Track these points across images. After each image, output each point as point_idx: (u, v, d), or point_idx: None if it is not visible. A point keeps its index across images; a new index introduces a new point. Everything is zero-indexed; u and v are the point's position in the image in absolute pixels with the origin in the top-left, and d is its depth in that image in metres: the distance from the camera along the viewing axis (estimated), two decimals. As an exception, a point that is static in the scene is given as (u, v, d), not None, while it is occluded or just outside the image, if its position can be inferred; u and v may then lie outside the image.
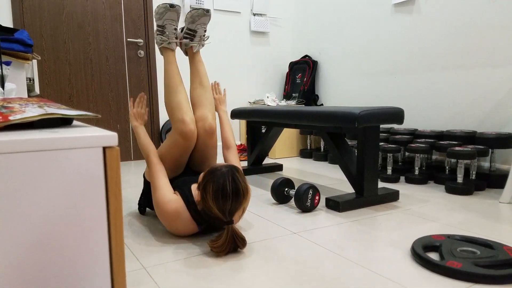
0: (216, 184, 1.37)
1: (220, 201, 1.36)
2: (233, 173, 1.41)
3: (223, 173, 1.39)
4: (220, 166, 1.43)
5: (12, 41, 1.55)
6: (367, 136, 1.96)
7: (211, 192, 1.37)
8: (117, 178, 0.67)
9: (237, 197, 1.38)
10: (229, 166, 1.44)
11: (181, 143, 1.62)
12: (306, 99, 4.01)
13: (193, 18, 1.80)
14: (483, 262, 1.23)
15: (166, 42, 1.78)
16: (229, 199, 1.36)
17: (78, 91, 3.33)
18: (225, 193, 1.36)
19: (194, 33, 1.83)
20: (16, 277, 0.61)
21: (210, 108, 1.73)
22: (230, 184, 1.37)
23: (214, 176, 1.39)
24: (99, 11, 3.35)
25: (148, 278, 1.23)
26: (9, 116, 0.67)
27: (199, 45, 1.84)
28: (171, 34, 1.78)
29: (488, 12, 2.50)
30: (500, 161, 2.50)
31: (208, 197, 1.38)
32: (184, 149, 1.65)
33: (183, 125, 1.60)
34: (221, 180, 1.37)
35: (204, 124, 1.67)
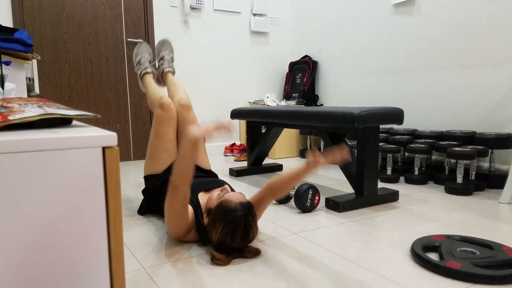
0: (227, 227, 1.30)
1: (227, 242, 1.32)
2: (247, 218, 1.32)
3: (237, 218, 1.30)
4: (235, 207, 1.32)
5: (12, 41, 1.55)
6: (367, 136, 1.96)
7: (219, 231, 1.31)
8: (117, 178, 0.67)
9: (245, 241, 1.34)
10: (243, 209, 1.32)
11: (162, 114, 1.81)
12: (306, 99, 4.01)
13: (158, 50, 2.21)
14: (483, 263, 1.23)
15: (144, 67, 2.14)
16: (236, 242, 1.32)
17: (78, 91, 3.33)
18: (234, 238, 1.31)
19: (162, 60, 2.19)
20: (16, 277, 0.61)
21: (184, 93, 1.97)
22: (241, 231, 1.30)
23: (226, 217, 1.30)
24: (99, 11, 3.35)
25: (148, 278, 1.23)
26: (8, 116, 0.67)
27: (169, 67, 2.17)
28: (147, 62, 2.17)
29: (488, 12, 2.50)
30: (499, 162, 2.50)
31: (215, 233, 1.33)
32: (166, 120, 1.81)
33: (161, 99, 1.83)
34: (233, 226, 1.30)
35: (179, 101, 1.90)
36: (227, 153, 3.88)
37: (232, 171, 2.85)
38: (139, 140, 3.62)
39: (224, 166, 3.26)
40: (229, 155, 3.86)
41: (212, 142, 1.69)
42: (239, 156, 3.66)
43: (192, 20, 3.79)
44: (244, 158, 3.63)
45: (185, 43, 3.77)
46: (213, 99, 3.99)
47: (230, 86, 4.08)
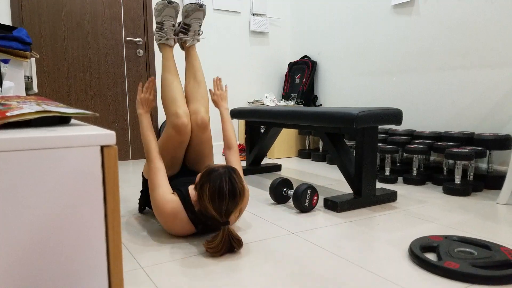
0: (212, 184, 1.37)
1: (217, 202, 1.36)
2: (230, 174, 1.40)
3: (220, 173, 1.39)
4: (217, 167, 1.43)
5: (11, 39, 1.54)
6: (365, 136, 1.96)
7: (207, 192, 1.37)
8: (115, 177, 0.66)
9: (234, 197, 1.38)
10: (226, 167, 1.43)
11: (175, 137, 1.63)
12: (305, 100, 4.01)
13: (188, 13, 1.83)
14: (480, 263, 1.24)
15: (164, 38, 1.80)
16: (226, 200, 1.36)
17: (76, 90, 3.32)
18: (221, 193, 1.36)
19: (188, 27, 1.84)
20: (13, 276, 0.61)
21: (203, 102, 1.73)
22: (227, 184, 1.37)
23: (211, 176, 1.39)
24: (98, 10, 3.34)
25: (146, 277, 1.23)
26: (6, 113, 0.67)
27: (193, 40, 1.86)
28: (169, 30, 1.80)
29: (486, 14, 2.51)
30: (497, 163, 2.50)
31: (205, 197, 1.38)
32: (178, 143, 1.65)
33: (176, 119, 1.61)
34: (218, 181, 1.37)
35: (196, 117, 1.67)
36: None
37: (231, 170, 2.84)
38: (138, 139, 3.61)
39: (223, 165, 3.26)
40: (227, 154, 3.86)
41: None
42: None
43: (192, 19, 3.78)
44: (242, 158, 3.63)
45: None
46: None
47: (229, 85, 4.08)
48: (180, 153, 1.70)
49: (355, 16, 3.54)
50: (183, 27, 1.86)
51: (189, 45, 1.86)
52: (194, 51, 1.87)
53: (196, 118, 1.67)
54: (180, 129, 1.61)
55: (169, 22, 1.80)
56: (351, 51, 3.62)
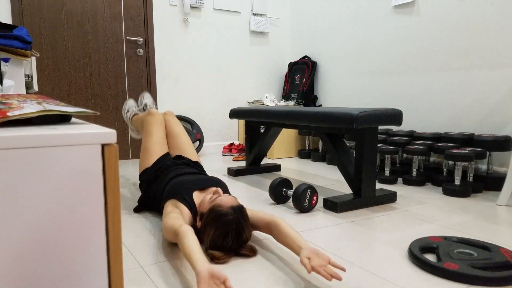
0: (218, 231, 1.31)
1: (218, 246, 1.33)
2: (238, 223, 1.33)
3: (228, 221, 1.31)
4: (226, 211, 1.33)
5: (11, 38, 1.54)
6: (365, 137, 1.96)
7: (211, 235, 1.33)
8: (115, 176, 0.66)
9: (238, 243, 1.35)
10: (236, 213, 1.33)
11: (151, 118, 2.10)
12: (305, 100, 4.01)
13: (140, 101, 2.55)
14: (480, 264, 1.24)
15: (132, 112, 2.50)
16: (229, 245, 1.33)
17: (76, 89, 3.32)
18: (226, 241, 1.32)
19: (145, 105, 2.51)
20: (13, 275, 0.61)
21: None
22: (233, 234, 1.32)
23: (218, 222, 1.32)
24: (99, 9, 3.34)
25: (146, 277, 1.23)
26: (7, 112, 0.67)
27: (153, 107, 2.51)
28: (134, 108, 2.52)
29: (486, 14, 2.51)
30: (497, 164, 2.51)
31: (207, 237, 1.35)
32: (156, 120, 2.09)
33: (149, 111, 2.18)
34: (224, 230, 1.31)
35: (165, 112, 2.25)
36: (225, 153, 3.88)
37: (231, 170, 2.85)
38: (138, 139, 3.61)
39: (223, 165, 3.26)
40: (227, 154, 3.86)
41: None
42: (237, 156, 3.65)
43: (192, 19, 3.78)
44: (242, 158, 3.63)
45: (184, 42, 3.76)
46: (212, 99, 3.99)
47: (229, 85, 4.08)
48: (161, 131, 2.08)
49: (355, 16, 3.54)
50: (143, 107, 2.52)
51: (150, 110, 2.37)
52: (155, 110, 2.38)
53: (165, 112, 2.24)
54: (152, 112, 2.14)
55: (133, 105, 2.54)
56: (351, 52, 3.62)
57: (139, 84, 3.58)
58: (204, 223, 1.36)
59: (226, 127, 4.11)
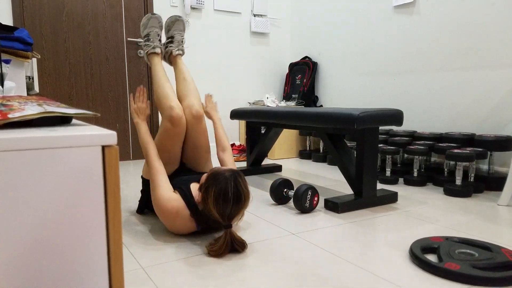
0: (218, 188, 1.38)
1: (221, 205, 1.37)
2: (236, 178, 1.41)
3: (226, 177, 1.40)
4: (223, 170, 1.44)
5: (12, 39, 1.54)
6: (366, 137, 1.96)
7: (212, 195, 1.38)
8: (116, 177, 0.67)
9: (238, 202, 1.39)
10: (232, 171, 1.44)
11: (171, 129, 1.66)
12: (305, 100, 4.01)
13: (169, 26, 1.98)
14: (481, 264, 1.23)
15: (151, 47, 1.90)
16: (230, 204, 1.37)
17: (77, 90, 3.33)
18: (226, 197, 1.36)
19: (172, 39, 1.97)
20: (13, 276, 0.61)
21: (195, 96, 1.78)
22: (232, 189, 1.38)
23: (217, 179, 1.40)
24: (100, 10, 3.35)
25: (146, 278, 1.23)
26: (8, 114, 0.67)
27: (178, 49, 1.96)
28: (155, 39, 1.92)
29: (487, 14, 2.51)
30: (498, 164, 2.50)
31: (209, 200, 1.39)
32: (174, 135, 1.68)
33: (171, 111, 1.65)
34: (224, 185, 1.38)
35: (191, 110, 1.72)
36: (226, 154, 3.87)
37: (231, 171, 2.85)
38: (139, 140, 3.61)
39: (223, 166, 3.26)
40: (228, 155, 3.86)
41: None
42: (238, 157, 3.65)
43: (193, 20, 3.79)
44: (243, 159, 3.63)
45: (185, 43, 3.76)
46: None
47: (230, 86, 4.08)
48: (177, 146, 1.72)
49: (356, 16, 3.54)
50: (167, 41, 2.00)
51: (175, 54, 1.94)
52: (181, 60, 1.96)
53: (191, 110, 1.71)
54: (175, 120, 1.65)
55: (155, 32, 1.92)
56: (352, 52, 3.62)
57: (139, 85, 3.58)
58: (205, 187, 1.42)
59: (227, 128, 4.11)
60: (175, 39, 1.95)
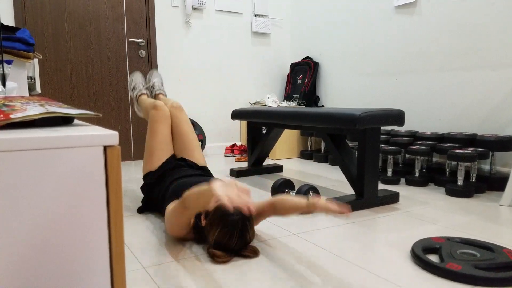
0: (223, 231, 1.32)
1: (223, 244, 1.34)
2: (244, 223, 1.34)
3: (233, 222, 1.32)
4: (232, 211, 1.33)
5: (14, 40, 1.55)
6: (367, 137, 1.96)
7: (216, 234, 1.34)
8: (118, 177, 0.67)
9: (241, 243, 1.36)
10: (241, 213, 1.34)
11: (156, 113, 1.94)
12: (307, 100, 4.01)
13: (149, 78, 2.38)
14: (483, 265, 1.23)
15: (139, 91, 2.27)
16: (233, 245, 1.34)
17: (79, 91, 3.33)
18: (230, 240, 1.33)
19: (153, 85, 2.35)
20: (15, 276, 0.61)
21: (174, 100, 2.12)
22: (237, 234, 1.33)
23: (223, 221, 1.33)
24: (101, 11, 3.35)
25: (148, 278, 1.23)
26: (10, 115, 0.67)
27: (159, 90, 2.32)
28: (141, 86, 2.31)
29: (488, 15, 2.50)
30: (500, 164, 2.50)
31: (212, 235, 1.36)
32: (160, 118, 1.93)
33: (154, 103, 1.98)
34: (229, 230, 1.32)
35: (172, 104, 2.03)
36: (227, 154, 3.88)
37: (233, 171, 2.85)
38: (140, 140, 3.62)
39: (225, 166, 3.26)
40: (229, 155, 3.86)
41: None
42: (239, 157, 3.66)
43: (194, 20, 3.79)
44: (244, 159, 3.63)
45: (186, 43, 3.77)
46: (214, 100, 3.99)
47: (231, 86, 4.08)
48: (166, 128, 1.95)
49: (357, 17, 3.54)
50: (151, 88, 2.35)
51: (157, 93, 2.30)
52: (163, 96, 2.30)
53: (172, 104, 2.03)
54: (158, 106, 1.95)
55: (139, 82, 2.32)
56: (353, 52, 3.62)
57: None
58: (210, 221, 1.37)
59: (228, 128, 4.11)
60: (156, 85, 2.36)
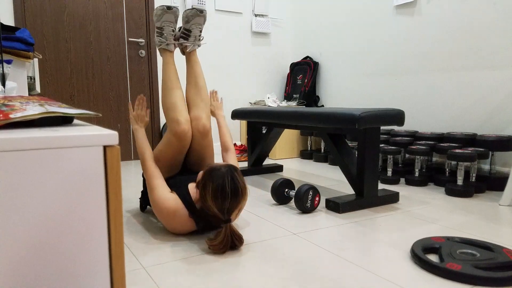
0: (215, 183, 1.39)
1: (219, 200, 1.38)
2: (232, 173, 1.43)
3: (223, 172, 1.42)
4: (219, 166, 1.46)
5: (14, 40, 1.55)
6: (367, 137, 1.96)
7: (210, 191, 1.39)
8: (118, 177, 0.67)
9: (236, 196, 1.40)
10: (228, 166, 1.46)
11: (175, 143, 1.63)
12: (307, 100, 4.01)
13: (188, 18, 1.81)
14: (483, 264, 1.23)
15: (164, 43, 1.80)
16: (228, 198, 1.39)
17: (79, 91, 3.33)
18: (224, 192, 1.38)
19: (189, 32, 1.83)
20: (15, 276, 0.61)
21: (204, 107, 1.72)
22: (229, 183, 1.40)
23: (213, 175, 1.42)
24: (101, 11, 3.35)
25: (147, 277, 1.23)
26: (10, 114, 0.67)
27: (193, 45, 1.84)
28: (169, 36, 1.80)
29: (489, 15, 2.50)
30: (500, 164, 2.50)
31: (207, 196, 1.40)
32: (178, 149, 1.65)
33: (177, 126, 1.61)
34: (221, 180, 1.39)
35: (197, 124, 1.67)
36: (227, 154, 3.88)
37: (233, 171, 2.85)
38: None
39: (225, 166, 3.26)
40: (229, 155, 3.86)
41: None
42: (239, 157, 3.66)
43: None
44: (244, 159, 3.63)
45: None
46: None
47: (231, 86, 4.08)
48: (179, 158, 1.71)
49: (357, 16, 3.54)
50: (183, 32, 1.85)
51: (190, 50, 1.84)
52: (195, 56, 1.85)
53: (198, 125, 1.67)
54: (180, 136, 1.61)
55: (169, 28, 1.79)
56: (353, 52, 3.62)
57: (141, 85, 3.58)
58: (202, 183, 1.43)
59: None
60: (193, 34, 1.82)
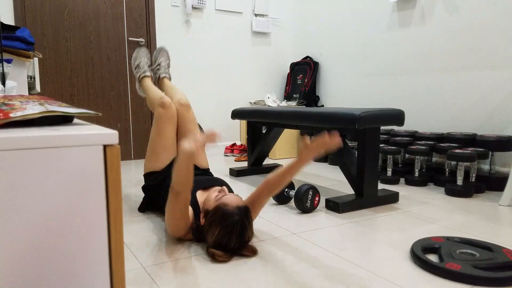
0: (223, 230, 1.32)
1: (222, 245, 1.34)
2: (243, 223, 1.33)
3: (233, 222, 1.32)
4: (232, 211, 1.33)
5: (14, 39, 1.55)
6: (367, 137, 1.96)
7: (216, 234, 1.33)
8: (118, 177, 0.67)
9: (240, 244, 1.36)
10: (241, 214, 1.34)
11: (163, 112, 1.85)
12: (307, 100, 4.01)
13: (155, 56, 2.26)
14: (482, 264, 1.23)
15: (143, 71, 2.17)
16: (231, 245, 1.34)
17: (79, 90, 3.33)
18: (229, 241, 1.33)
19: (159, 66, 2.23)
20: (15, 276, 0.61)
21: (182, 94, 2.02)
22: (237, 234, 1.33)
23: (223, 222, 1.32)
24: (101, 10, 3.35)
25: (147, 277, 1.23)
26: (9, 113, 0.67)
27: (165, 73, 2.21)
28: (145, 66, 2.20)
29: (488, 15, 2.50)
30: (500, 164, 2.50)
31: (211, 236, 1.35)
32: (166, 118, 1.85)
33: (162, 99, 1.87)
34: (229, 229, 1.32)
35: (179, 100, 1.95)
36: (227, 153, 3.88)
37: (233, 171, 2.85)
38: (140, 139, 3.62)
39: (225, 166, 3.26)
40: (229, 155, 3.86)
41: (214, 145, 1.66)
42: (239, 156, 3.65)
43: (194, 20, 3.79)
44: (244, 158, 3.63)
45: (186, 43, 3.77)
46: (214, 99, 3.99)
47: (231, 86, 4.08)
48: (171, 129, 1.87)
49: (356, 16, 3.54)
50: (156, 67, 2.24)
51: (162, 77, 2.19)
52: (168, 81, 2.19)
53: (179, 101, 1.94)
54: (165, 104, 1.86)
55: (144, 60, 2.20)
56: (353, 52, 3.62)
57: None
58: (209, 221, 1.36)
59: (228, 128, 4.11)
60: (162, 65, 2.22)
